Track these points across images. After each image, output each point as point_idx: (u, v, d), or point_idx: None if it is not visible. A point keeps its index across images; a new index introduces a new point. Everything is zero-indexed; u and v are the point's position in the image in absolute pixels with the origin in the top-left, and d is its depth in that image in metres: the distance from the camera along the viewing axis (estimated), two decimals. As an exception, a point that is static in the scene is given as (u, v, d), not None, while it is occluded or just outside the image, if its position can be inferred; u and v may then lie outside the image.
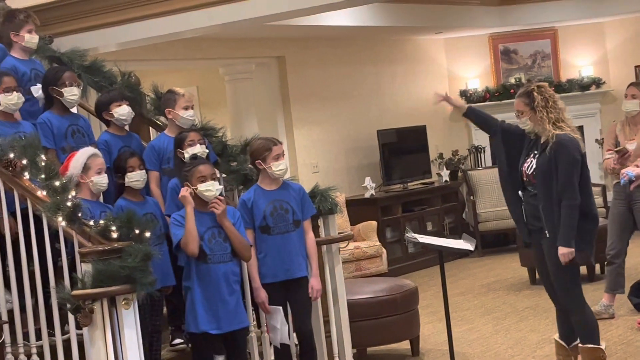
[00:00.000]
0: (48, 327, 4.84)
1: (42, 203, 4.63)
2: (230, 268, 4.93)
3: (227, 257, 4.91)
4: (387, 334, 6.58)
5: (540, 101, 5.30)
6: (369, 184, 10.55)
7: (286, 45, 10.36)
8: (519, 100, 5.40)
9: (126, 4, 7.01)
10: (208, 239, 4.86)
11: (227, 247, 4.91)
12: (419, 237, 6.13)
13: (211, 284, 4.84)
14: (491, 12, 11.38)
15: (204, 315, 4.83)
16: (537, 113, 5.31)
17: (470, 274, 10.17)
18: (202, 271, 4.85)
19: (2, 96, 5.26)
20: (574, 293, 5.41)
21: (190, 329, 4.89)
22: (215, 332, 4.86)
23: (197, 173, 4.89)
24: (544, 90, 5.38)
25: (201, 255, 4.83)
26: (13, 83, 5.32)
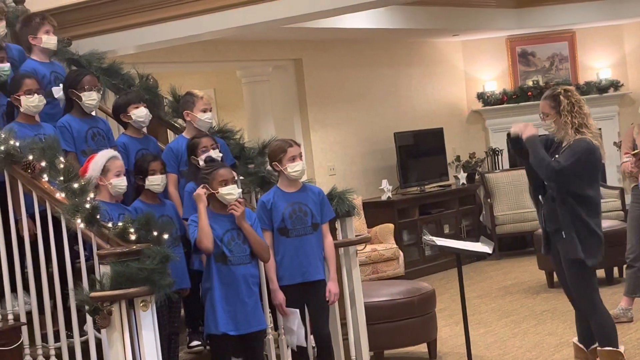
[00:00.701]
0: (66, 328, 4.86)
1: (61, 205, 4.64)
2: (249, 270, 4.94)
3: (246, 259, 4.92)
4: (404, 337, 6.57)
5: (566, 105, 5.31)
6: (385, 187, 10.54)
7: (303, 47, 10.37)
8: (544, 103, 5.40)
9: (144, 7, 7.03)
10: (227, 241, 4.87)
11: (246, 249, 4.92)
12: (437, 240, 6.12)
13: (231, 286, 4.86)
14: (509, 15, 11.36)
15: (223, 317, 4.84)
16: (562, 117, 5.30)
17: (487, 276, 10.14)
18: (223, 273, 4.86)
19: (23, 98, 5.28)
20: (590, 296, 5.40)
21: (210, 331, 4.89)
22: (234, 333, 4.86)
23: (218, 177, 4.90)
24: (571, 94, 5.37)
25: (221, 257, 4.85)
26: (35, 85, 5.34)
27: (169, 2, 6.92)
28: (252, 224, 4.97)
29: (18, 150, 4.86)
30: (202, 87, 10.05)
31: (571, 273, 5.40)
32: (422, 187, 11.10)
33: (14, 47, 6.05)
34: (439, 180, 11.50)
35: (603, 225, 8.84)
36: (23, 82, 5.32)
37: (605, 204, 11.09)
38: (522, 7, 11.39)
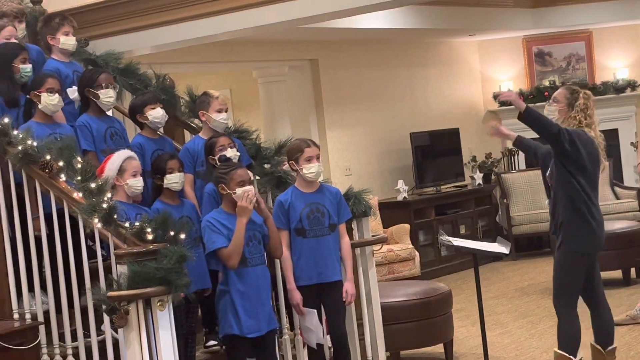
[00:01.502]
0: (83, 328, 4.87)
1: (78, 205, 4.66)
2: (265, 270, 4.93)
3: (262, 260, 4.91)
4: (420, 337, 6.56)
5: (581, 104, 5.42)
6: (401, 187, 10.52)
7: (319, 48, 10.37)
8: (562, 91, 5.54)
9: (161, 7, 7.04)
10: (246, 242, 4.80)
11: (261, 250, 4.90)
12: (454, 240, 6.11)
13: (252, 287, 4.80)
14: (525, 14, 11.32)
15: (245, 318, 4.78)
16: (573, 112, 5.41)
17: (503, 277, 10.11)
18: (242, 274, 4.79)
19: (44, 95, 5.29)
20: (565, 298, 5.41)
21: (229, 331, 4.82)
22: (255, 334, 4.82)
23: (237, 177, 4.84)
24: (589, 98, 5.50)
25: (241, 259, 4.78)
26: (57, 85, 5.35)
27: (186, 3, 6.93)
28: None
29: (36, 150, 4.87)
30: (219, 87, 10.07)
31: (557, 258, 5.44)
32: (438, 188, 11.09)
33: (33, 48, 6.08)
34: (455, 181, 11.48)
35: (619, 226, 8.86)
36: (46, 80, 5.34)
37: (622, 204, 11.08)
38: (539, 7, 11.35)
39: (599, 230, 5.40)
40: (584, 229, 5.34)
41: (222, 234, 4.77)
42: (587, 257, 5.43)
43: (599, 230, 5.41)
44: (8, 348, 4.44)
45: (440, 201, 10.92)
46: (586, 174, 5.35)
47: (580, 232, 5.34)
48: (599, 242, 5.44)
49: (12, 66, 5.51)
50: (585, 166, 5.34)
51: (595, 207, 5.38)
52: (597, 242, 5.42)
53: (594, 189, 5.40)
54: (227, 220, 4.83)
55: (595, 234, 5.38)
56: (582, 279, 5.45)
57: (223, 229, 4.79)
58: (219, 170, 4.96)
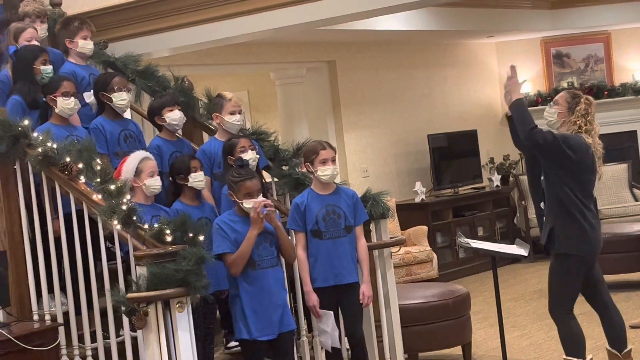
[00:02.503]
0: (103, 329, 4.89)
1: (98, 207, 4.68)
2: (277, 273, 4.90)
3: (274, 262, 4.87)
4: (439, 340, 6.55)
5: (581, 109, 5.38)
6: (419, 189, 10.51)
7: (337, 49, 10.37)
8: (563, 94, 5.50)
9: (179, 10, 7.06)
10: (256, 245, 4.78)
11: (273, 252, 4.87)
12: (472, 242, 6.10)
13: (262, 290, 4.79)
14: (543, 16, 11.29)
15: (255, 322, 4.77)
16: (573, 116, 5.37)
17: (521, 279, 10.08)
18: (251, 278, 4.78)
19: (60, 99, 5.32)
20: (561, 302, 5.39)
21: (242, 336, 4.82)
22: (268, 338, 4.81)
23: (244, 189, 4.81)
24: (590, 104, 5.45)
25: (250, 262, 4.77)
26: (72, 88, 5.38)
27: (204, 5, 6.95)
28: None
29: (55, 152, 4.90)
30: (236, 89, 10.10)
31: (551, 264, 5.43)
32: (455, 189, 11.07)
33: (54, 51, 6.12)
34: (472, 183, 11.46)
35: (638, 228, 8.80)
36: (62, 83, 5.37)
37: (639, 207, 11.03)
38: (557, 8, 11.32)
39: (592, 234, 5.33)
40: (576, 233, 5.30)
41: (229, 239, 4.76)
42: (581, 261, 5.36)
43: (593, 234, 5.33)
44: (28, 349, 4.46)
45: (457, 203, 10.90)
46: (578, 178, 5.29)
47: (572, 236, 5.30)
48: (594, 245, 5.37)
49: (33, 68, 5.56)
50: (576, 170, 5.28)
51: (589, 211, 5.33)
52: (591, 245, 5.36)
53: (587, 194, 5.33)
54: (237, 224, 4.81)
55: (588, 237, 5.32)
56: (577, 284, 5.40)
57: (232, 233, 4.78)
58: (231, 176, 4.93)
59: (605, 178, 5.66)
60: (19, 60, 5.59)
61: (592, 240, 5.34)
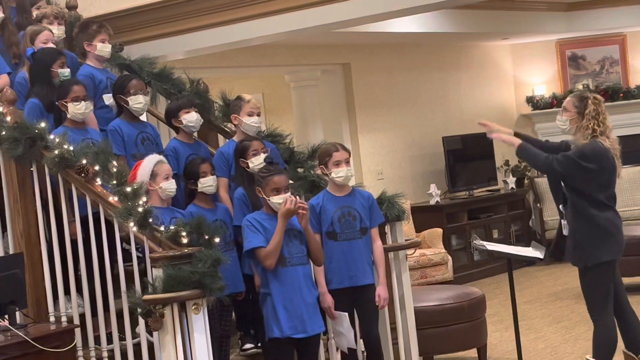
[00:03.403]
0: (119, 331, 4.91)
1: (114, 209, 4.70)
2: (307, 270, 4.87)
3: (304, 260, 4.85)
4: (454, 342, 6.54)
5: (592, 111, 5.34)
6: (434, 191, 10.50)
7: (352, 52, 10.37)
8: (570, 99, 5.47)
9: (195, 12, 7.07)
10: (286, 241, 4.76)
11: (303, 249, 4.84)
12: (488, 245, 6.09)
13: (292, 287, 4.76)
14: (558, 18, 11.27)
15: (287, 319, 4.73)
16: (584, 120, 5.34)
17: (537, 282, 10.06)
18: (281, 275, 4.75)
19: (70, 105, 5.35)
20: (599, 306, 5.38)
21: (274, 335, 4.76)
22: (300, 336, 4.76)
23: (272, 184, 4.80)
24: (599, 103, 5.41)
25: (279, 259, 4.74)
26: (82, 92, 5.40)
27: (219, 8, 6.96)
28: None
29: (72, 154, 4.92)
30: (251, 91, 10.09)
31: (581, 276, 5.43)
32: (470, 192, 11.06)
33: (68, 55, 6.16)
34: (487, 185, 11.44)
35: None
36: (71, 88, 5.38)
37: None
38: (572, 10, 11.28)
39: (618, 236, 5.36)
40: (601, 239, 5.30)
41: (261, 234, 4.75)
42: (612, 264, 5.39)
43: (619, 235, 5.37)
44: (44, 350, 4.48)
45: (472, 205, 10.89)
46: (601, 185, 5.31)
47: (600, 246, 5.31)
48: (620, 245, 5.40)
49: (50, 71, 5.58)
50: (597, 178, 5.29)
51: (613, 212, 5.34)
52: (618, 246, 5.38)
53: (611, 196, 5.36)
54: (267, 222, 4.80)
55: (615, 240, 5.34)
56: (610, 286, 5.42)
57: (262, 229, 4.77)
58: (260, 173, 4.95)
59: (621, 181, 5.66)
60: (36, 63, 5.62)
61: (619, 240, 5.38)
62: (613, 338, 5.41)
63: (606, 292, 5.39)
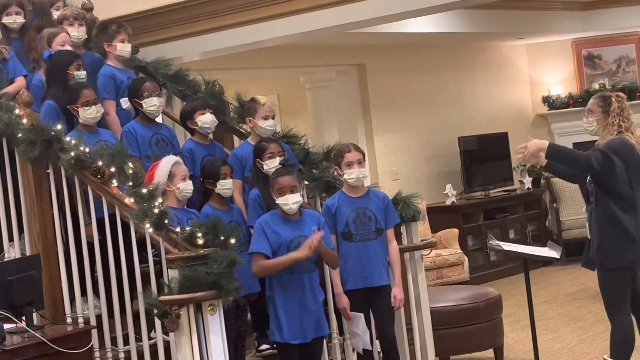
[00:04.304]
0: (135, 332, 4.92)
1: (130, 210, 4.71)
2: (314, 277, 4.89)
3: (311, 267, 4.87)
4: (470, 343, 6.53)
5: (616, 107, 5.40)
6: (449, 191, 10.48)
7: (366, 52, 10.37)
8: (593, 101, 5.51)
9: (210, 14, 7.09)
10: (294, 248, 4.77)
11: (311, 257, 4.83)
12: (504, 245, 6.08)
13: (297, 294, 4.78)
14: (574, 17, 11.22)
15: (287, 326, 4.77)
16: (610, 118, 5.38)
17: (554, 282, 10.02)
18: (286, 281, 4.78)
19: (81, 110, 5.37)
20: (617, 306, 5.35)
21: (275, 338, 4.84)
22: (298, 342, 4.81)
23: (276, 185, 4.83)
24: (622, 99, 5.47)
25: None
26: (92, 96, 5.41)
27: (234, 10, 6.97)
28: (321, 228, 4.90)
29: (88, 156, 4.94)
30: (266, 92, 10.11)
31: (601, 276, 5.40)
32: (486, 192, 11.03)
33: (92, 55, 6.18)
34: (503, 185, 11.41)
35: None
36: (81, 93, 5.40)
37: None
38: (588, 10, 11.23)
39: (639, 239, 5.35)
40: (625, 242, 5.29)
41: (268, 240, 4.76)
42: (631, 268, 5.39)
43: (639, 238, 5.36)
44: (61, 352, 4.49)
45: (488, 205, 10.86)
46: (627, 182, 5.29)
47: (621, 246, 5.29)
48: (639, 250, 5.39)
49: (67, 73, 5.60)
50: (623, 179, 5.28)
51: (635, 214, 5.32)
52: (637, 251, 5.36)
53: (634, 197, 5.34)
54: (278, 225, 4.82)
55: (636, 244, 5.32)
56: (629, 287, 5.41)
57: (272, 233, 4.78)
58: (272, 175, 4.97)
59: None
60: (53, 65, 5.65)
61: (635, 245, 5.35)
62: (631, 337, 5.39)
63: (625, 293, 5.39)
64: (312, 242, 4.70)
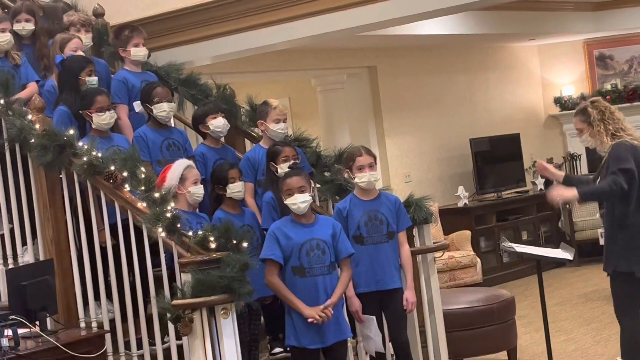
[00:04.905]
0: (149, 336, 4.93)
1: (142, 214, 4.73)
2: (329, 280, 4.81)
3: (325, 270, 4.80)
4: (483, 345, 6.52)
5: (595, 115, 5.35)
6: (462, 193, 10.47)
7: (378, 55, 10.37)
8: (576, 119, 5.48)
9: (221, 18, 7.10)
10: (306, 251, 4.74)
11: (325, 260, 4.79)
12: (516, 247, 6.07)
13: (310, 298, 4.73)
14: (586, 18, 11.20)
15: (304, 330, 4.72)
16: (594, 127, 5.33)
17: (567, 283, 10.00)
18: (299, 285, 4.74)
19: (95, 115, 5.39)
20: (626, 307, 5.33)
21: (291, 343, 4.80)
22: (316, 346, 4.77)
23: (284, 186, 4.81)
24: (598, 104, 5.41)
25: (299, 270, 4.74)
26: (106, 103, 5.43)
27: (245, 13, 6.99)
28: (338, 234, 4.87)
29: (100, 161, 4.96)
30: (278, 96, 10.12)
31: (613, 280, 5.39)
32: (499, 194, 11.01)
33: (100, 62, 6.21)
34: (516, 186, 11.39)
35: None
36: (95, 99, 5.42)
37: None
38: (600, 10, 11.21)
39: None
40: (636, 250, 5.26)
41: (279, 246, 4.73)
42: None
43: None
44: (75, 356, 4.51)
45: (501, 207, 10.84)
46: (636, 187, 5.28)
47: (633, 255, 5.26)
48: None
49: (78, 79, 5.62)
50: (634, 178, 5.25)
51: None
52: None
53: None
54: (291, 230, 4.79)
55: None
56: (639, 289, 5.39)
57: (284, 239, 4.76)
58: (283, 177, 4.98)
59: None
60: (65, 71, 5.67)
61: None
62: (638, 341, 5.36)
63: (636, 298, 5.36)
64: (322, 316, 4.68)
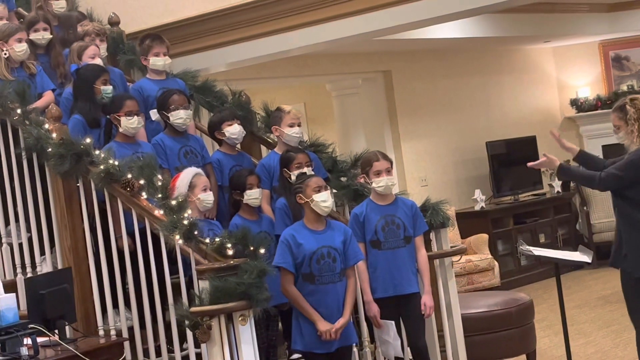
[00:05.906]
0: (167, 343, 4.94)
1: (160, 222, 4.73)
2: (339, 288, 4.83)
3: (336, 278, 4.82)
4: (502, 349, 6.48)
5: (632, 114, 5.23)
6: (479, 197, 10.44)
7: (392, 59, 10.36)
8: (614, 115, 5.36)
9: (235, 25, 7.12)
10: (317, 259, 4.75)
11: (335, 267, 4.81)
12: (534, 250, 6.04)
13: (319, 305, 4.76)
14: (601, 19, 11.16)
15: (310, 335, 4.76)
16: (629, 126, 5.24)
17: (585, 286, 9.96)
18: (309, 292, 4.76)
19: (124, 119, 5.40)
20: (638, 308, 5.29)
21: (297, 347, 4.84)
22: (321, 351, 4.80)
23: (312, 184, 4.81)
24: (638, 102, 5.28)
25: (309, 277, 4.76)
26: (135, 107, 5.46)
27: (259, 20, 7.00)
28: (349, 240, 4.89)
29: (117, 169, 4.97)
30: (293, 101, 10.15)
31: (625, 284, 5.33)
32: (515, 196, 10.98)
33: (116, 71, 6.24)
34: (532, 189, 11.36)
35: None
36: (124, 103, 5.44)
37: None
38: (615, 11, 11.16)
39: None
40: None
41: (291, 254, 4.75)
42: None
43: None
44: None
45: (518, 210, 10.81)
46: None
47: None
48: None
49: (93, 87, 5.64)
50: None
51: None
52: None
53: None
54: (304, 238, 4.79)
55: None
56: None
57: (295, 246, 4.76)
58: (295, 183, 4.98)
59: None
60: (80, 79, 5.69)
61: None
62: None
63: None
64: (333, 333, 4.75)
